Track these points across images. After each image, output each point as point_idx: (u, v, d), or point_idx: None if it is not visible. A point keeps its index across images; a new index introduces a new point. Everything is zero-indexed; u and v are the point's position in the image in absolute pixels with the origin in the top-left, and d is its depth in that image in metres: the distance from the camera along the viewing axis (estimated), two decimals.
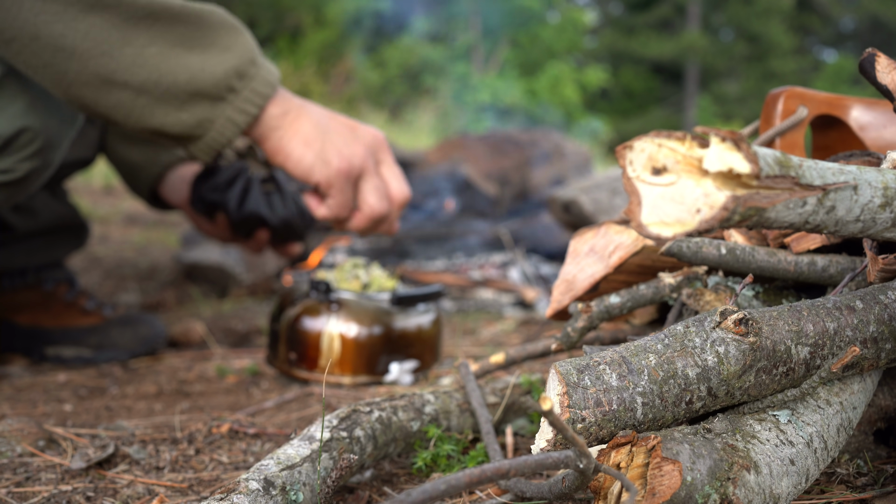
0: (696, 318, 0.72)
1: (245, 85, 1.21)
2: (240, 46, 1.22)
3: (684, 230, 0.58)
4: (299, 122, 1.27)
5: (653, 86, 18.33)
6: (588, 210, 2.17)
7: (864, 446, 0.86)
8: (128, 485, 0.94)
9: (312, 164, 1.27)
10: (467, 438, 1.00)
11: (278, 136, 1.26)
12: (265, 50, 10.10)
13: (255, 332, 1.88)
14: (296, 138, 1.27)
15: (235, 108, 1.21)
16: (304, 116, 1.27)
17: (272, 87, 1.24)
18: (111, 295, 2.23)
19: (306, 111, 1.28)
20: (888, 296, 0.75)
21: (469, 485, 0.54)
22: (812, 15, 18.77)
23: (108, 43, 1.15)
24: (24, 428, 1.04)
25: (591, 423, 0.67)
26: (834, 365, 0.71)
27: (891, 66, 0.84)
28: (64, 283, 1.66)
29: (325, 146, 1.28)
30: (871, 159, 0.84)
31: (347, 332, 1.36)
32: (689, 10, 17.86)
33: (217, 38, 1.20)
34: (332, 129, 1.30)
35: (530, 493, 0.78)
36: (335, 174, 1.29)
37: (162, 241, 3.13)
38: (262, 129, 1.26)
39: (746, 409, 0.73)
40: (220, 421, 1.11)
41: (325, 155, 1.28)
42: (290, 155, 1.27)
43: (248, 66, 1.22)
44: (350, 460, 0.84)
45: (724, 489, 0.64)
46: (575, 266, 1.05)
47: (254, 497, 0.72)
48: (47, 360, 1.57)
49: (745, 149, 0.56)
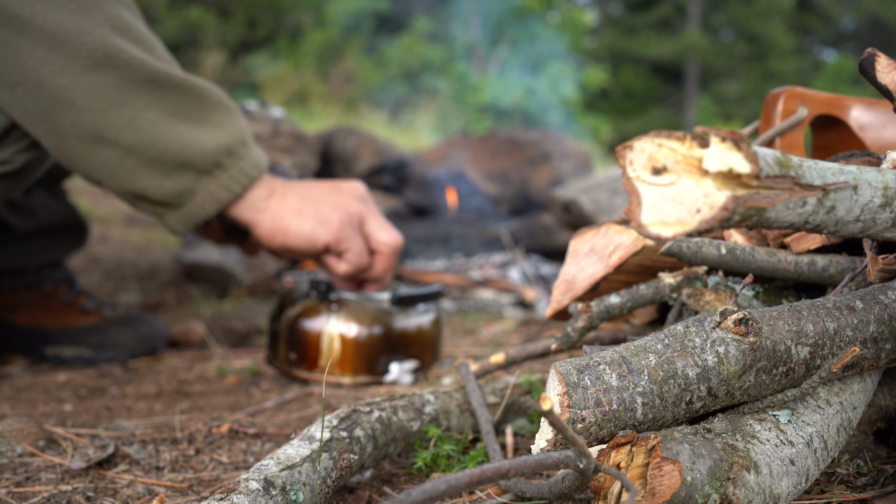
0: (696, 318, 0.72)
1: (233, 163, 1.24)
2: (233, 127, 1.25)
3: (684, 230, 0.58)
4: (286, 199, 1.30)
5: (653, 86, 18.33)
6: (588, 210, 2.17)
7: (864, 446, 0.86)
8: (128, 485, 0.94)
9: (313, 229, 1.30)
10: (467, 438, 1.00)
11: (269, 218, 1.28)
12: (265, 50, 10.11)
13: (255, 332, 1.88)
14: (288, 214, 1.29)
15: (220, 183, 1.24)
16: (289, 194, 1.30)
17: (259, 171, 1.26)
18: (111, 295, 2.23)
19: (290, 189, 1.31)
20: (888, 296, 0.75)
21: (469, 485, 0.54)
22: (812, 15, 18.77)
23: (107, 101, 1.17)
24: (24, 428, 1.04)
25: (591, 423, 0.67)
26: (834, 365, 0.71)
27: (891, 66, 0.84)
28: (64, 283, 1.66)
29: (318, 209, 1.30)
30: (871, 159, 0.84)
31: (347, 332, 1.36)
32: (689, 10, 17.85)
33: (213, 115, 1.23)
34: (318, 194, 1.32)
35: (530, 493, 0.78)
36: (338, 227, 1.31)
37: (162, 241, 3.13)
38: (246, 210, 1.28)
39: (746, 409, 0.73)
40: (220, 421, 1.11)
41: (321, 216, 1.30)
42: (289, 230, 1.29)
43: (239, 146, 1.24)
44: (350, 460, 0.84)
45: (724, 489, 0.64)
46: (575, 266, 1.05)
47: (254, 497, 0.72)
48: (47, 360, 1.57)
49: (745, 149, 0.56)
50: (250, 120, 2.71)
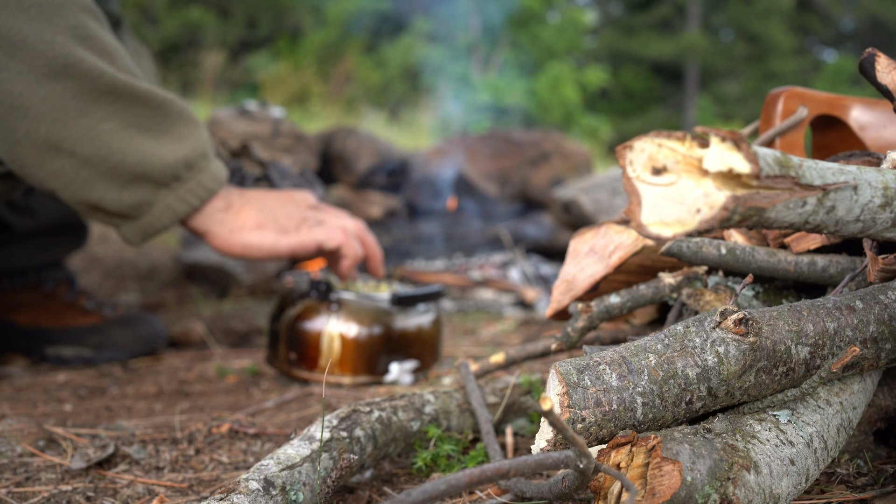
0: (696, 318, 0.72)
1: (192, 176, 1.24)
2: (194, 139, 1.24)
3: (684, 230, 0.58)
4: (244, 212, 1.31)
5: (653, 86, 18.32)
6: (588, 210, 2.17)
7: (864, 446, 0.86)
8: (128, 485, 0.94)
9: (275, 240, 1.32)
10: (467, 438, 1.00)
11: (227, 230, 1.30)
12: (265, 50, 10.11)
13: (255, 332, 1.88)
14: (246, 228, 1.31)
15: (178, 196, 1.23)
16: (246, 206, 1.31)
17: (219, 184, 1.27)
18: (111, 295, 2.23)
19: (246, 200, 1.32)
20: (888, 296, 0.75)
21: (469, 485, 0.54)
22: (812, 15, 18.77)
23: (64, 111, 1.16)
24: (24, 428, 1.04)
25: (591, 423, 0.67)
26: (834, 365, 0.71)
27: (891, 66, 0.84)
28: (64, 283, 1.66)
29: (276, 220, 1.33)
30: (871, 159, 0.84)
31: (347, 332, 1.36)
32: (689, 10, 17.85)
33: (173, 128, 1.23)
34: (273, 205, 1.35)
35: (530, 493, 0.78)
36: (296, 233, 1.34)
37: (162, 241, 3.13)
38: (202, 221, 1.28)
39: (746, 409, 0.73)
40: (220, 421, 1.11)
41: (280, 225, 1.33)
42: (250, 244, 1.31)
43: (199, 158, 1.24)
44: (350, 460, 0.84)
45: (724, 489, 0.64)
46: (575, 266, 1.05)
47: (254, 497, 0.72)
48: (47, 360, 1.57)
49: (745, 149, 0.56)
50: (250, 120, 2.71)
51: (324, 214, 1.40)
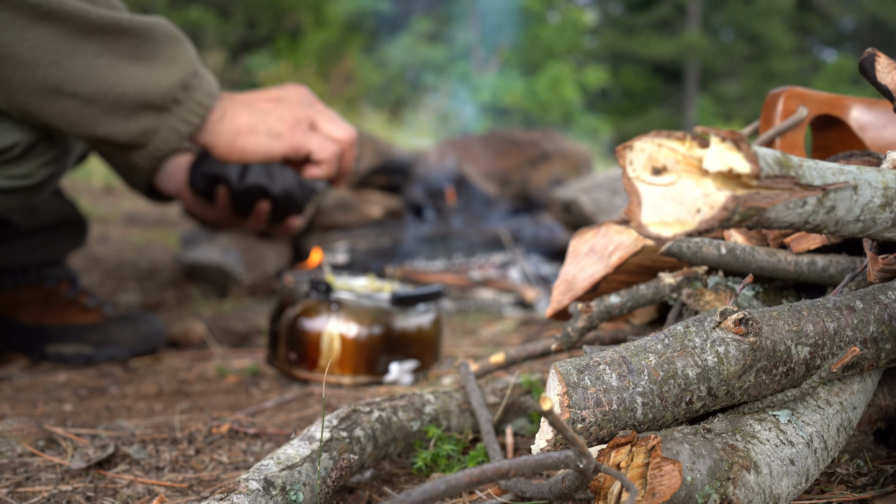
0: (696, 318, 0.72)
1: (189, 96, 1.26)
2: (183, 58, 1.27)
3: (684, 230, 0.58)
4: (236, 118, 1.33)
5: (653, 86, 18.32)
6: (588, 210, 2.17)
7: (864, 446, 0.86)
8: (128, 485, 0.94)
9: (267, 144, 1.34)
10: (467, 438, 1.00)
11: (224, 139, 1.32)
12: (265, 50, 10.10)
13: (255, 332, 1.88)
14: (241, 134, 1.33)
15: (179, 118, 1.26)
16: (238, 111, 1.33)
17: (212, 98, 1.29)
18: (111, 295, 2.23)
19: (237, 105, 1.34)
20: (888, 296, 0.75)
21: (469, 485, 0.54)
22: (812, 15, 18.76)
23: (58, 53, 1.17)
24: (24, 428, 1.04)
25: (591, 423, 0.67)
26: (834, 365, 0.71)
27: (891, 66, 0.84)
28: (65, 281, 1.66)
29: (267, 123, 1.34)
30: (871, 159, 0.84)
31: (347, 332, 1.36)
32: (689, 10, 17.85)
33: (161, 50, 1.25)
34: (263, 108, 1.36)
35: (530, 493, 0.78)
36: (289, 136, 1.35)
37: (162, 241, 3.13)
38: (205, 135, 1.31)
39: (746, 409, 0.73)
40: (220, 421, 1.11)
41: (271, 130, 1.34)
42: (245, 149, 1.33)
43: (192, 77, 1.26)
44: (350, 460, 0.84)
45: (724, 489, 0.64)
46: (575, 266, 1.05)
47: (254, 497, 0.72)
48: (48, 358, 1.57)
49: (745, 149, 0.56)
50: None
51: (317, 115, 1.41)
